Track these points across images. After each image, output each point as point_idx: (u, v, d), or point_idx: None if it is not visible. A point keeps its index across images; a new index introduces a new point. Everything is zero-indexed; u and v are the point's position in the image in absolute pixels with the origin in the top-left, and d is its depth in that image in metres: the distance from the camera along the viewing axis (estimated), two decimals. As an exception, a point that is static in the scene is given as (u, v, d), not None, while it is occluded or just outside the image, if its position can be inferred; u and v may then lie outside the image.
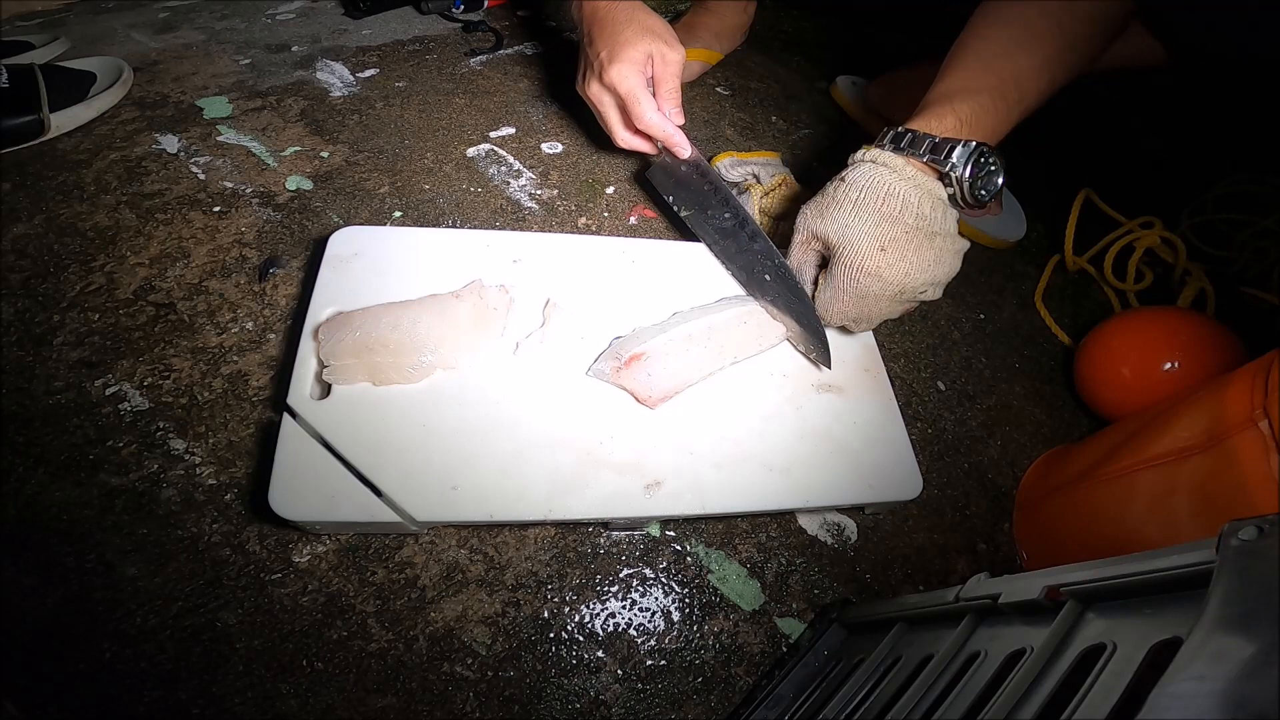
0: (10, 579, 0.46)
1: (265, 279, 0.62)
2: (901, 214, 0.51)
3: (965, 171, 0.51)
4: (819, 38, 1.15)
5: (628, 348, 0.54)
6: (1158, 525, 0.49)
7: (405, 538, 0.51)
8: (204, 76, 0.81)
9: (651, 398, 0.52)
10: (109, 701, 0.43)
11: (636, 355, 0.53)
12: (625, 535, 0.55)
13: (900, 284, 0.52)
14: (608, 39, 0.61)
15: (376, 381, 0.50)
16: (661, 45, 0.62)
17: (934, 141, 0.52)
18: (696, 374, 0.54)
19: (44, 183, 0.66)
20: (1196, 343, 0.66)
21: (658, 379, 0.53)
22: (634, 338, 0.55)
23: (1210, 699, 0.20)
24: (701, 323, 0.56)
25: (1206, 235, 0.86)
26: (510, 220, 0.73)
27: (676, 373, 0.53)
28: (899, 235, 0.51)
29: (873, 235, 0.51)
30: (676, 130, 0.63)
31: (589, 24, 0.64)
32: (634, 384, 0.53)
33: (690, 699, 0.49)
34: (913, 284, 0.52)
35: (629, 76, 0.60)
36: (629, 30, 0.61)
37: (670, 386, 0.53)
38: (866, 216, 0.51)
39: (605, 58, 0.61)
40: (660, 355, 0.54)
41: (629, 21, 0.62)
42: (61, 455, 0.51)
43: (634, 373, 0.53)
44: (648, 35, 0.61)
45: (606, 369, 0.53)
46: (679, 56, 0.63)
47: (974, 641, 0.36)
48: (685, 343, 0.55)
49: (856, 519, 0.60)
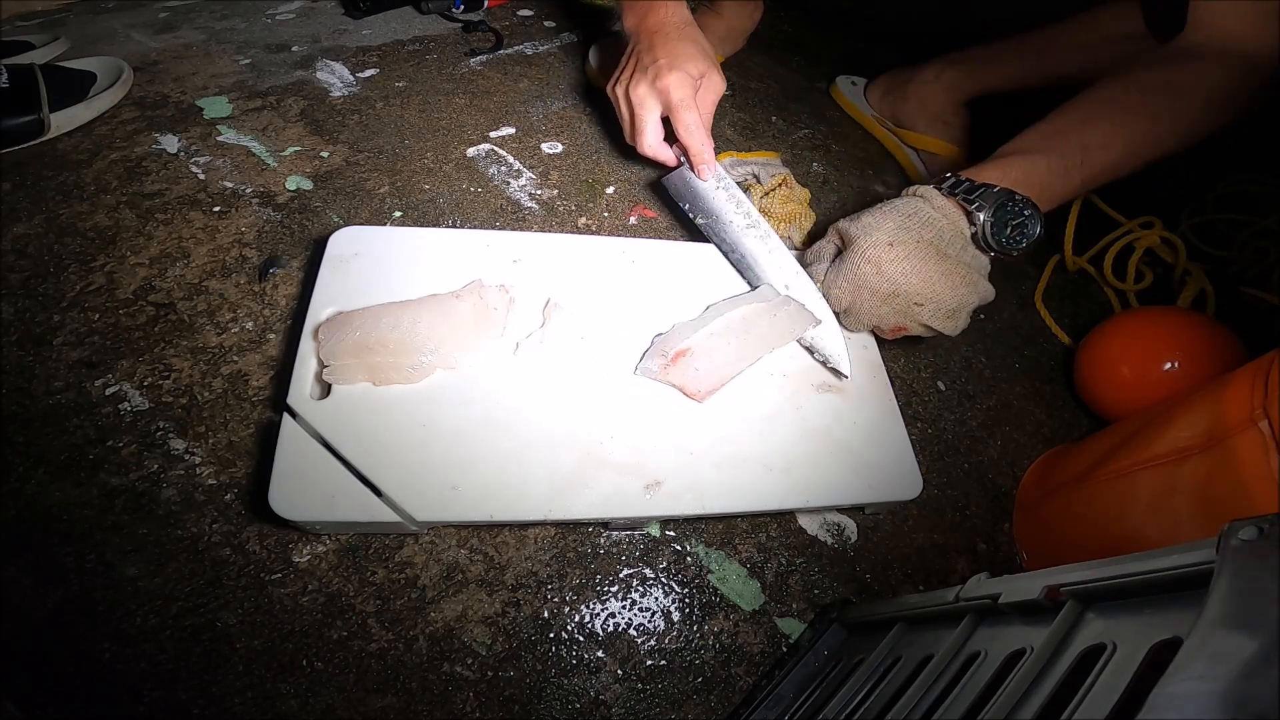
0: (10, 579, 0.46)
1: (265, 279, 0.62)
2: (920, 228, 0.55)
3: (989, 214, 0.55)
4: (819, 38, 1.15)
5: (672, 344, 0.55)
6: (1158, 525, 0.49)
7: (405, 538, 0.51)
8: (204, 76, 0.81)
9: (700, 392, 0.54)
10: (109, 701, 0.43)
11: (682, 351, 0.54)
12: (625, 535, 0.55)
13: (895, 283, 0.54)
14: (669, 50, 0.64)
15: (376, 381, 0.50)
16: (714, 71, 0.66)
17: (971, 184, 0.56)
18: (738, 365, 0.56)
19: (44, 183, 0.66)
20: (1196, 343, 0.66)
21: (705, 373, 0.54)
22: (675, 334, 0.56)
23: (1210, 699, 0.20)
24: (736, 314, 0.57)
25: (1206, 235, 0.86)
26: (510, 220, 0.73)
27: (719, 366, 0.55)
28: (909, 240, 0.54)
29: (887, 233, 0.55)
30: (711, 150, 0.65)
31: (650, 33, 0.66)
32: (683, 379, 0.54)
33: (690, 699, 0.49)
34: (907, 287, 0.54)
35: (684, 86, 0.63)
36: (692, 48, 0.65)
37: (716, 380, 0.54)
38: (888, 221, 0.55)
39: (665, 65, 0.63)
40: (704, 350, 0.55)
41: (693, 40, 0.66)
42: (61, 455, 0.51)
43: (681, 369, 0.54)
44: (705, 58, 0.65)
45: (654, 366, 0.54)
46: (723, 86, 0.67)
47: (974, 641, 0.36)
48: (725, 335, 0.56)
49: (856, 519, 0.60)
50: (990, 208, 0.55)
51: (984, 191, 0.55)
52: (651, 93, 0.64)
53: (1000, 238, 0.56)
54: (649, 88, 0.64)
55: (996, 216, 0.55)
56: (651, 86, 0.63)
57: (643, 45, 0.66)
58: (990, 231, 0.55)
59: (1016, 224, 0.56)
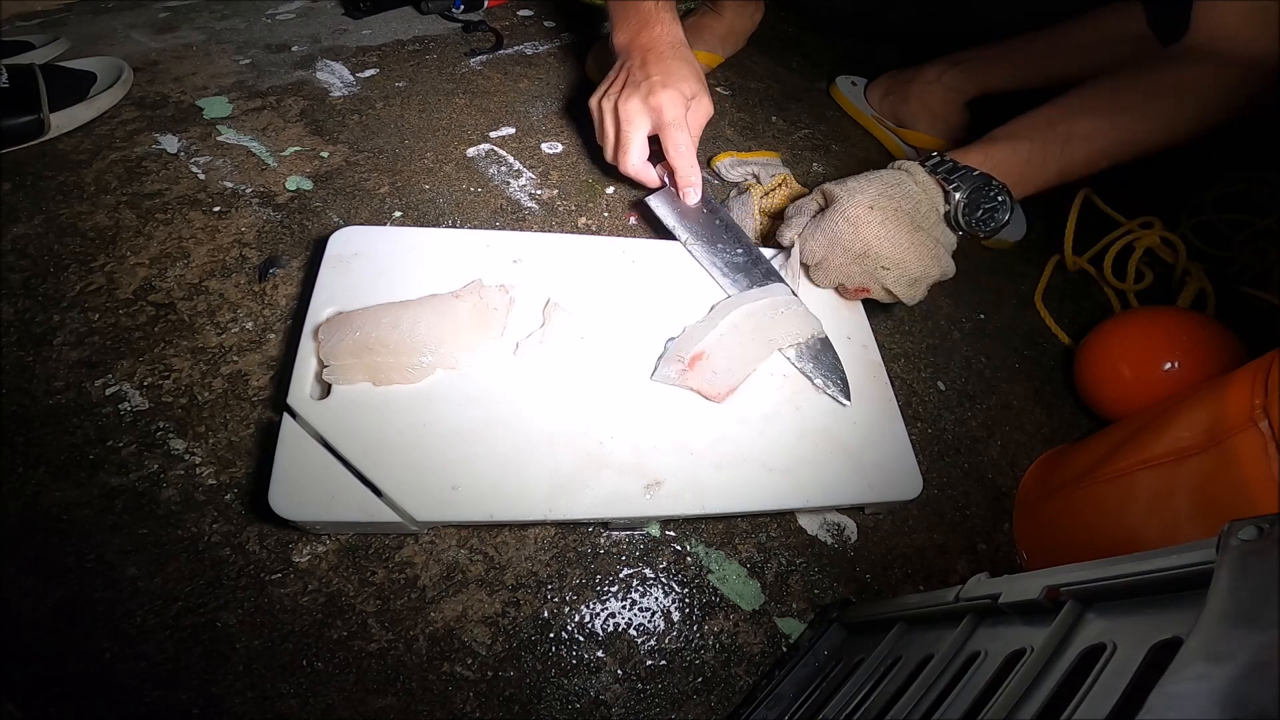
0: (10, 579, 0.46)
1: (265, 279, 0.62)
2: (900, 198, 0.58)
3: (965, 194, 0.58)
4: (819, 38, 1.15)
5: (686, 349, 0.55)
6: (1158, 525, 0.49)
7: (405, 538, 0.51)
8: (204, 76, 0.81)
9: (720, 393, 0.54)
10: (109, 701, 0.43)
11: (698, 355, 0.55)
12: (625, 535, 0.55)
13: (868, 244, 0.57)
14: (663, 68, 0.64)
15: (376, 381, 0.50)
16: (705, 94, 0.66)
17: (953, 165, 0.59)
18: (752, 364, 0.56)
19: (44, 183, 0.66)
20: (1196, 343, 0.66)
21: (722, 375, 0.54)
22: (687, 338, 0.56)
23: (1210, 699, 0.20)
24: (742, 312, 0.58)
25: (1206, 235, 0.86)
26: (510, 220, 0.73)
27: (734, 366, 0.55)
28: (889, 206, 0.57)
29: (869, 197, 0.57)
30: (699, 174, 0.65)
31: (644, 50, 0.66)
32: (701, 384, 0.54)
33: (690, 699, 0.49)
34: (877, 249, 0.57)
35: (677, 105, 0.63)
36: (685, 68, 0.65)
37: (733, 380, 0.55)
38: (870, 187, 0.58)
39: (659, 82, 0.63)
40: (719, 351, 0.55)
41: (686, 61, 0.66)
42: (61, 455, 0.51)
43: (699, 373, 0.54)
44: (697, 79, 0.65)
45: (672, 373, 0.54)
46: (712, 110, 0.67)
47: (974, 641, 0.36)
48: (735, 335, 0.56)
49: (856, 519, 0.60)
50: (966, 190, 0.58)
51: (964, 174, 0.58)
52: (643, 109, 0.63)
53: (970, 219, 0.58)
54: (641, 103, 0.63)
55: (970, 199, 0.58)
56: (644, 103, 0.63)
57: (634, 61, 0.65)
58: (962, 212, 0.58)
59: (989, 208, 0.58)
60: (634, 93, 0.63)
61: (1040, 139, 0.61)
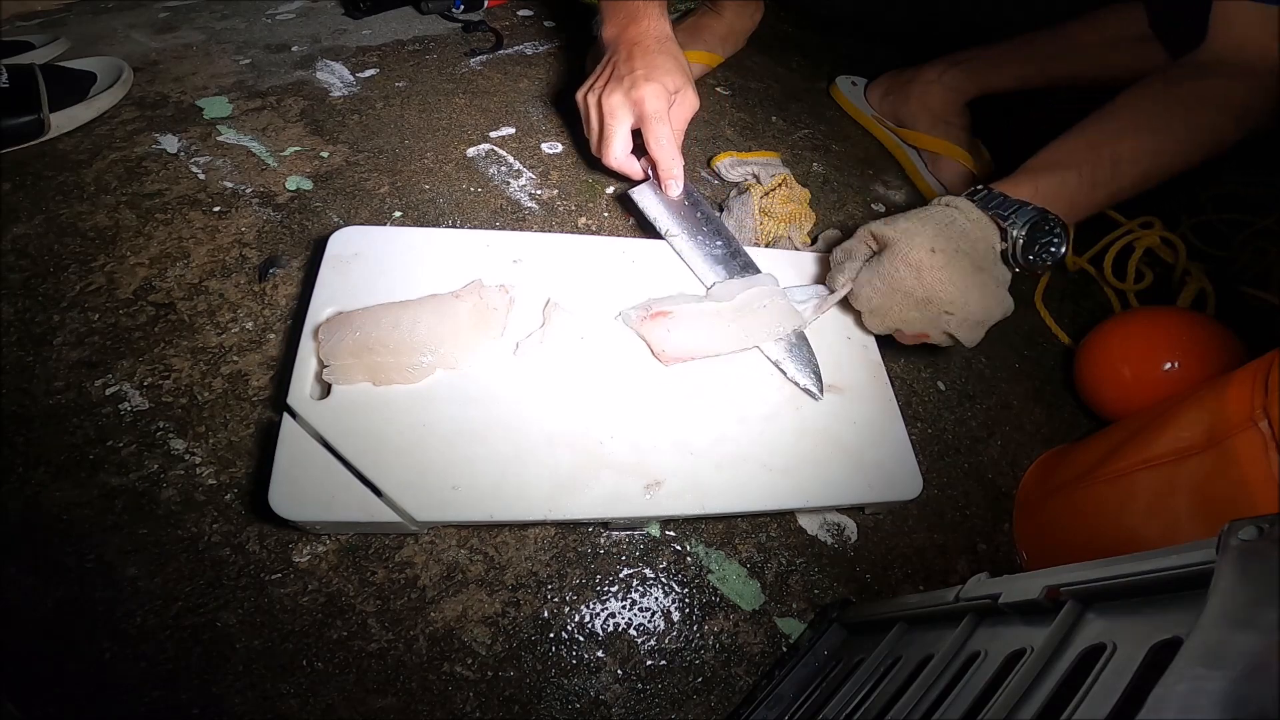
0: (10, 579, 0.46)
1: (265, 279, 0.62)
2: (958, 238, 0.55)
3: (1022, 231, 0.55)
4: (819, 38, 1.15)
5: (658, 304, 0.56)
6: (1158, 525, 0.49)
7: (405, 538, 0.51)
8: (204, 76, 0.81)
9: (665, 353, 0.55)
10: (109, 701, 0.43)
11: (663, 312, 0.56)
12: (625, 535, 0.55)
13: (931, 289, 0.53)
14: (647, 62, 0.64)
15: (376, 381, 0.50)
16: (690, 88, 0.65)
17: (1004, 199, 0.57)
18: (717, 347, 0.56)
19: (44, 183, 0.66)
20: (1196, 343, 0.66)
21: (676, 337, 0.55)
22: (668, 299, 0.57)
23: (1210, 699, 0.20)
24: (732, 301, 0.58)
25: (1206, 235, 0.86)
26: (510, 220, 0.73)
27: (695, 339, 0.55)
28: (949, 249, 0.54)
29: (928, 239, 0.54)
30: (680, 166, 0.65)
31: (630, 44, 0.65)
32: (652, 336, 0.55)
33: (690, 699, 0.49)
34: (943, 295, 0.53)
35: (659, 99, 0.62)
36: (671, 62, 0.64)
37: (686, 350, 0.55)
38: (927, 227, 0.55)
39: (642, 75, 0.62)
40: (686, 319, 0.56)
41: (672, 55, 0.65)
42: (61, 455, 0.51)
43: (655, 326, 0.55)
44: (682, 74, 0.65)
45: (634, 315, 0.56)
46: (697, 104, 0.67)
47: (974, 641, 0.36)
48: (712, 317, 0.57)
49: (856, 519, 0.60)
50: (1024, 225, 0.55)
51: (1019, 209, 0.56)
52: (625, 102, 0.63)
53: (1028, 255, 0.56)
54: (623, 97, 0.63)
55: (1029, 235, 0.55)
56: (626, 96, 0.63)
57: (620, 55, 0.65)
58: (1020, 249, 0.55)
59: (1044, 242, 0.56)
60: (617, 86, 0.63)
61: (1088, 165, 0.59)
